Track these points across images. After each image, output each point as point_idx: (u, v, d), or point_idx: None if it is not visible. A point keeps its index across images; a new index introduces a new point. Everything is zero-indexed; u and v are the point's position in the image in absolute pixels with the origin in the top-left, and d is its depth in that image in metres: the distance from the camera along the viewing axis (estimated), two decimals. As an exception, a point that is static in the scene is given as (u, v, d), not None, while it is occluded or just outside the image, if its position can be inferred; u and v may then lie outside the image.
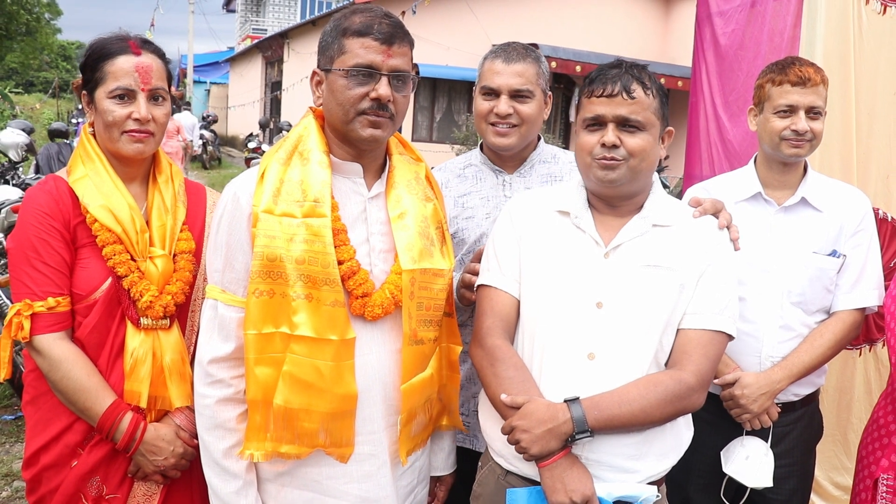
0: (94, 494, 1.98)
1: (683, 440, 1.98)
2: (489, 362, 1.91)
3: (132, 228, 1.97)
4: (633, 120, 1.83)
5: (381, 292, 1.85)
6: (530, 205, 2.03)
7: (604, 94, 1.84)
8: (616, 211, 1.94)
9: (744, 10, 3.37)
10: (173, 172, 2.13)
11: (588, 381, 1.84)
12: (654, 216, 1.92)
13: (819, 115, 2.40)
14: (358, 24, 1.80)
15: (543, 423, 1.76)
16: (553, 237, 1.95)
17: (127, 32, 2.05)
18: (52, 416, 1.99)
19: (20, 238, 1.93)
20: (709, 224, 1.97)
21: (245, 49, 29.38)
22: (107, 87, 1.97)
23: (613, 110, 1.84)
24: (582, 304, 1.87)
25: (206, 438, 1.85)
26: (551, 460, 1.78)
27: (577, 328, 1.87)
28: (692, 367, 1.84)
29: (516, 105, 2.32)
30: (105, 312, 1.95)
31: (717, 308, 1.88)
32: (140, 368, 1.95)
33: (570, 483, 1.77)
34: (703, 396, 1.88)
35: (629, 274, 1.87)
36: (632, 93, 1.83)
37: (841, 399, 3.29)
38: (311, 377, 1.77)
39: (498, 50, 2.40)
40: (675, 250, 1.89)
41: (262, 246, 1.76)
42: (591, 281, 1.88)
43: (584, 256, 1.90)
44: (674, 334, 1.89)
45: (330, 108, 1.86)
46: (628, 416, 1.78)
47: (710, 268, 1.89)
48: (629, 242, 1.89)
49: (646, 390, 1.80)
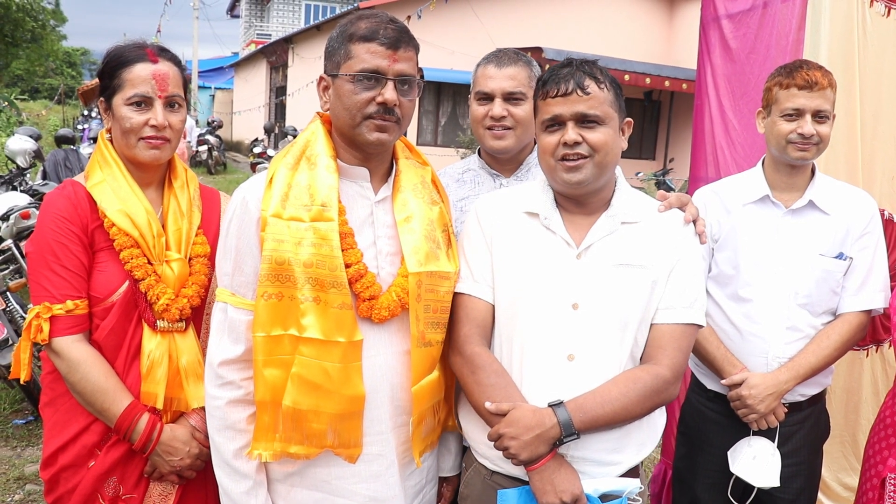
0: (111, 494, 2.01)
1: (658, 428, 2.03)
2: (470, 370, 1.93)
3: (149, 232, 2.00)
4: (591, 115, 1.86)
5: (388, 295, 1.87)
6: (497, 207, 2.04)
7: (559, 94, 1.87)
8: (584, 209, 1.96)
9: (755, 13, 3.39)
10: (188, 178, 2.17)
11: (569, 382, 1.87)
12: (622, 213, 1.94)
13: (826, 119, 2.42)
14: (364, 30, 1.82)
15: (531, 430, 1.79)
16: (523, 239, 1.97)
17: (144, 40, 2.09)
18: (69, 418, 2.02)
19: (39, 242, 1.96)
20: (676, 218, 2.00)
21: (249, 54, 29.47)
22: (124, 94, 2.00)
23: (570, 108, 1.86)
24: (558, 306, 1.90)
25: (217, 439, 1.88)
26: (540, 464, 1.82)
27: (555, 330, 1.90)
28: (667, 360, 1.88)
29: (510, 108, 2.37)
30: (122, 315, 1.99)
31: (688, 301, 1.92)
32: (156, 370, 1.98)
33: (559, 484, 1.81)
34: (678, 387, 1.93)
35: (602, 274, 1.90)
36: (586, 88, 1.85)
37: (849, 400, 3.30)
38: (319, 378, 1.80)
39: (490, 56, 2.46)
40: (644, 247, 1.92)
41: (271, 250, 1.78)
42: (566, 283, 1.90)
43: (556, 258, 1.93)
44: (647, 330, 1.93)
45: (337, 113, 1.88)
46: (611, 414, 1.82)
47: (679, 263, 1.93)
48: (600, 242, 1.92)
49: (626, 388, 1.84)
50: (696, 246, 2.00)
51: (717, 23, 3.55)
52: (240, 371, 1.86)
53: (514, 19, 17.62)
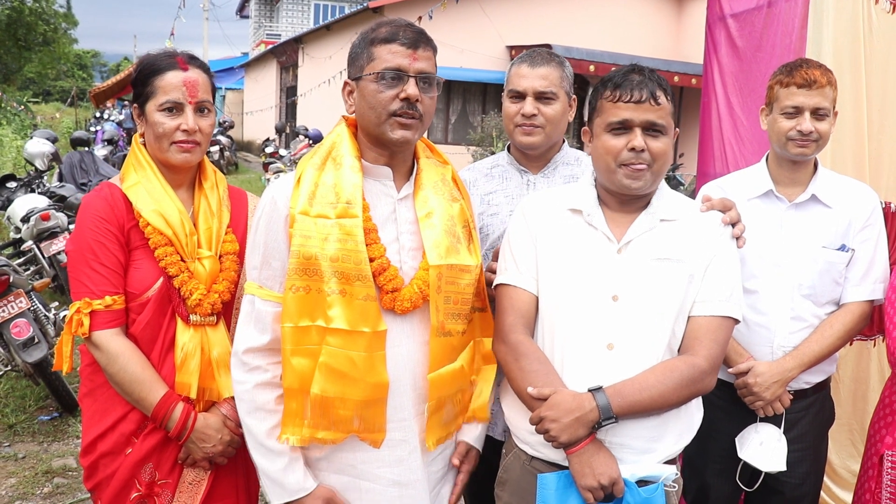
0: (147, 480, 2.11)
1: (695, 421, 2.10)
2: (514, 357, 2.02)
3: (182, 231, 2.10)
4: (658, 125, 1.94)
5: (410, 287, 1.95)
6: (543, 204, 2.13)
7: (631, 100, 1.94)
8: (625, 207, 2.05)
9: (760, 12, 3.46)
10: (218, 179, 2.27)
11: (608, 370, 1.94)
12: (661, 211, 2.03)
13: (825, 116, 2.47)
14: (385, 33, 1.93)
15: (571, 413, 1.87)
16: (567, 235, 2.06)
17: (174, 49, 2.19)
18: (108, 407, 2.12)
19: (79, 241, 2.06)
20: (712, 217, 2.08)
21: (260, 54, 29.55)
22: (157, 100, 2.10)
23: (641, 115, 1.93)
24: (599, 297, 1.98)
25: (249, 422, 1.96)
26: (579, 447, 1.89)
27: (595, 321, 1.98)
28: (704, 351, 1.95)
29: (541, 106, 2.45)
30: (157, 310, 2.09)
31: (724, 295, 1.99)
32: (190, 362, 2.08)
33: (597, 467, 1.88)
34: (714, 378, 1.99)
35: (641, 268, 1.98)
36: (657, 99, 1.93)
37: (857, 389, 3.36)
38: (345, 367, 1.89)
39: (524, 56, 2.54)
40: (682, 243, 2.00)
41: (299, 245, 1.88)
42: (607, 275, 1.99)
43: (598, 252, 2.01)
44: (685, 322, 2.00)
45: (362, 113, 1.98)
46: (648, 401, 1.89)
47: (715, 258, 2.01)
48: (639, 238, 2.01)
49: (663, 376, 1.91)
50: (733, 244, 2.07)
51: (724, 22, 3.62)
52: (264, 357, 1.95)
53: (523, 17, 17.61)
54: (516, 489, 2.11)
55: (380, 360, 1.92)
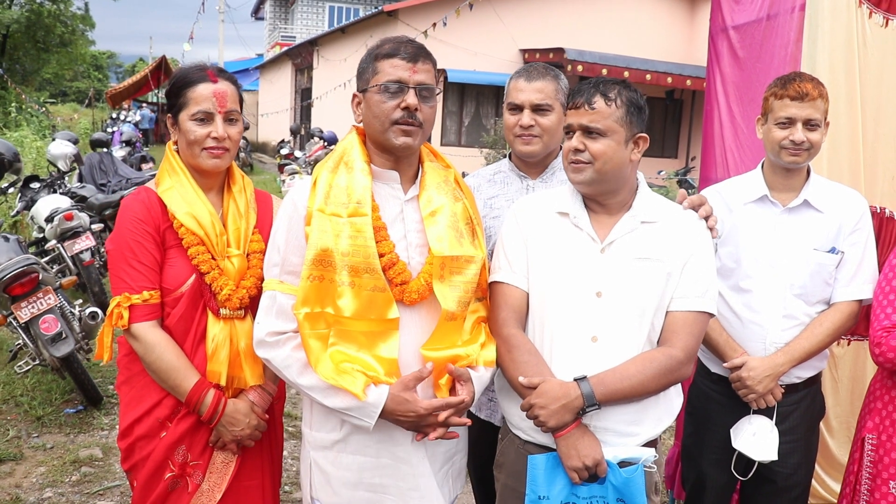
0: (179, 461, 2.27)
1: (675, 406, 2.27)
2: (506, 349, 2.20)
3: (213, 232, 2.27)
4: (592, 127, 2.12)
5: (417, 280, 2.13)
6: (533, 208, 2.32)
7: (573, 107, 2.16)
8: (607, 209, 2.22)
9: (759, 25, 3.58)
10: (245, 183, 2.44)
11: (592, 361, 2.13)
12: (641, 214, 2.20)
13: (817, 127, 2.60)
14: (387, 49, 2.14)
15: (558, 400, 2.06)
16: (555, 236, 2.24)
17: (205, 63, 2.37)
18: (143, 394, 2.28)
19: (118, 241, 2.24)
20: (690, 218, 2.25)
21: (275, 56, 29.73)
22: (189, 110, 2.27)
23: (577, 119, 2.14)
24: (584, 294, 2.16)
25: (305, 383, 2.06)
26: (566, 431, 2.08)
27: (580, 315, 2.16)
28: (681, 343, 2.13)
29: (537, 118, 2.64)
30: (190, 304, 2.25)
31: (700, 292, 2.16)
32: (220, 352, 2.24)
33: (582, 450, 2.07)
34: (690, 368, 2.17)
35: (623, 266, 2.15)
36: (593, 104, 2.12)
37: (854, 388, 3.44)
38: (354, 345, 2.07)
39: (521, 70, 2.73)
40: (661, 243, 2.17)
41: (316, 238, 2.06)
42: (591, 273, 2.16)
43: (583, 252, 2.19)
44: (664, 316, 2.17)
45: (369, 122, 2.17)
46: (629, 389, 2.08)
47: (692, 257, 2.17)
48: (622, 238, 2.18)
49: (643, 366, 2.09)
50: (709, 243, 2.24)
51: (726, 33, 3.76)
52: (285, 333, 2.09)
53: (537, 21, 17.71)
54: (511, 471, 2.28)
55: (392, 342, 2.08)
